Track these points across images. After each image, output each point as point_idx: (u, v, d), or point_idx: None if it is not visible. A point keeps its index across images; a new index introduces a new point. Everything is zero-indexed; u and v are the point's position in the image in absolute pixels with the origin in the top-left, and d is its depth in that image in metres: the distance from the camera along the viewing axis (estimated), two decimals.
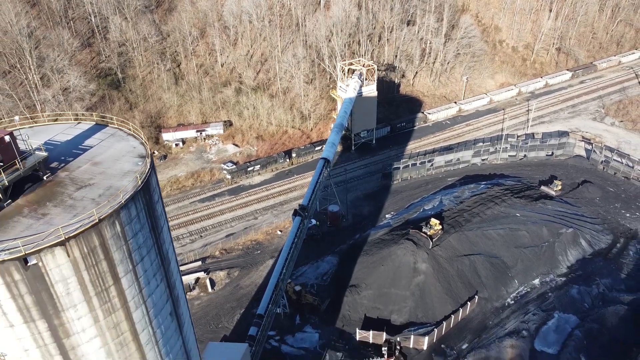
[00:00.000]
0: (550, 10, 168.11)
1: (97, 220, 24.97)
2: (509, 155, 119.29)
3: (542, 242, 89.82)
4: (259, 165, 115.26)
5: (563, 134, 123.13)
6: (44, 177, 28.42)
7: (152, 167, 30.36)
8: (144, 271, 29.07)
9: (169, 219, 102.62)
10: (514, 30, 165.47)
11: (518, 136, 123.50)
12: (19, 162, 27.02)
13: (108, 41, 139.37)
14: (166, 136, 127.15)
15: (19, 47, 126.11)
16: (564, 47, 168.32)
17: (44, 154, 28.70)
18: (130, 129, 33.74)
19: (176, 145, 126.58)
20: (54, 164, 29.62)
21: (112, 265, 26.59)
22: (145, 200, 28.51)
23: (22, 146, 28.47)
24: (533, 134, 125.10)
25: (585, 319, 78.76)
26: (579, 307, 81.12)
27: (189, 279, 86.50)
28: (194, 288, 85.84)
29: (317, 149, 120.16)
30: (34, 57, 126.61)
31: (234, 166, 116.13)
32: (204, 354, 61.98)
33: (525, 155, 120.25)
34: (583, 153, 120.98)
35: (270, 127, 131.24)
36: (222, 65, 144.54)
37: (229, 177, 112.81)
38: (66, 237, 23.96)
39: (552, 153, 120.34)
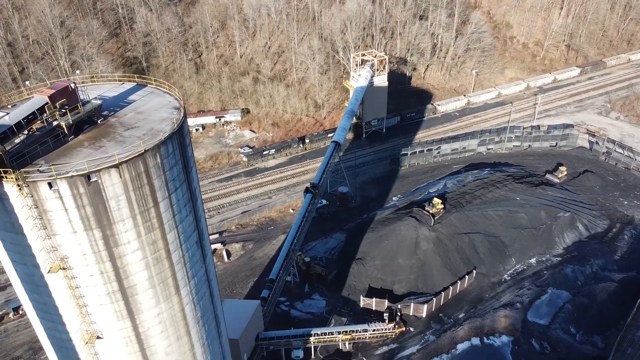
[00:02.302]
0: (561, 8, 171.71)
1: (143, 151, 31.34)
2: (513, 145, 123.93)
3: (540, 224, 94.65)
4: (274, 150, 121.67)
5: (568, 126, 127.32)
6: (98, 121, 34.97)
7: (185, 116, 36.72)
8: (177, 200, 35.37)
9: None
10: (524, 27, 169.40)
11: (524, 128, 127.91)
12: (80, 106, 33.63)
13: (134, 31, 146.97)
14: (187, 121, 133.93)
15: (51, 35, 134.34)
16: (574, 44, 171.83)
17: (99, 102, 35.29)
18: (166, 88, 40.16)
19: (196, 130, 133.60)
20: (105, 112, 36.19)
21: (153, 190, 32.91)
22: (179, 141, 34.86)
23: (81, 96, 35.09)
24: (539, 125, 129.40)
25: (577, 294, 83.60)
26: (572, 284, 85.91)
27: None
28: None
29: (329, 135, 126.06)
30: (65, 45, 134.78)
31: (251, 150, 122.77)
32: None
33: (529, 146, 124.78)
34: (586, 144, 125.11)
35: (286, 115, 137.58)
36: (241, 56, 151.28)
37: (245, 160, 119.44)
38: (119, 161, 30.37)
39: (556, 144, 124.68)
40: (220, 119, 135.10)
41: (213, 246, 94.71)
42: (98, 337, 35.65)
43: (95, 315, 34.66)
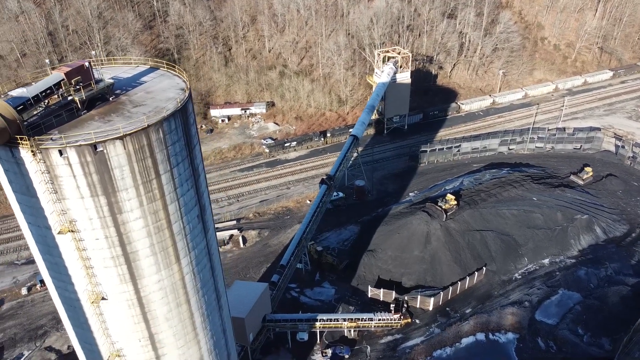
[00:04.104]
0: (596, 10, 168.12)
1: (147, 125, 34.03)
2: (536, 146, 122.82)
3: (556, 225, 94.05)
4: (295, 142, 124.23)
5: (594, 129, 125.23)
6: (110, 98, 37.91)
7: (190, 96, 39.26)
8: (179, 174, 37.95)
9: (211, 184, 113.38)
10: (556, 28, 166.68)
11: (548, 129, 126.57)
12: (93, 84, 36.61)
13: (167, 24, 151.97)
14: (214, 112, 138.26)
15: (89, 26, 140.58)
16: (608, 46, 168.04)
17: (111, 81, 38.25)
18: (176, 72, 42.87)
19: (222, 121, 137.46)
20: (117, 91, 39.11)
21: (155, 162, 35.56)
22: (183, 119, 37.40)
23: (96, 75, 38.08)
24: (564, 128, 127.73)
25: (588, 296, 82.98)
26: (584, 286, 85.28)
27: (224, 234, 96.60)
28: (227, 242, 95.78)
29: (350, 130, 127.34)
30: (102, 35, 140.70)
31: (273, 142, 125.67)
32: (231, 288, 71.43)
33: (552, 147, 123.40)
34: (612, 148, 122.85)
35: (310, 109, 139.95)
36: (269, 51, 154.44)
37: (267, 151, 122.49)
38: (124, 134, 33.11)
39: (581, 146, 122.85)
40: (245, 111, 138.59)
41: (230, 232, 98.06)
42: (103, 298, 38.61)
43: (100, 277, 37.60)
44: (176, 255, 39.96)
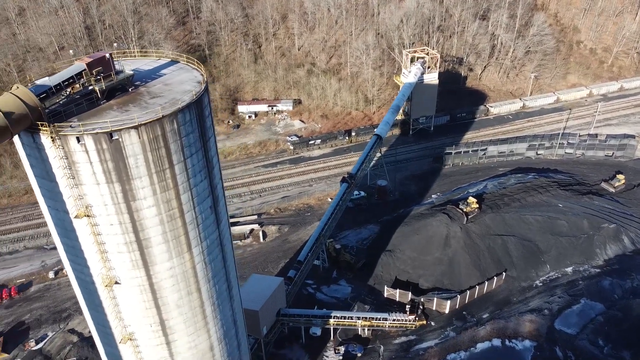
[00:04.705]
0: (636, 14, 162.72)
1: (161, 116, 35.06)
2: (565, 152, 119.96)
3: (581, 234, 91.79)
4: (319, 140, 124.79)
5: (628, 136, 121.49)
6: (129, 89, 39.16)
7: (206, 89, 40.16)
8: (192, 165, 38.92)
9: (235, 179, 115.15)
10: (593, 31, 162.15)
11: (580, 135, 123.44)
12: (114, 75, 37.91)
13: (200, 20, 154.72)
14: (241, 108, 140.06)
15: (124, 21, 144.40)
16: None
17: (131, 72, 39.50)
18: (194, 65, 43.89)
19: (249, 117, 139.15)
20: (137, 82, 40.34)
21: (169, 152, 36.59)
22: (197, 111, 38.32)
23: (117, 67, 39.41)
24: (596, 134, 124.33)
25: (611, 307, 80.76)
26: (607, 297, 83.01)
27: (244, 228, 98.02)
28: (248, 237, 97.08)
29: (375, 130, 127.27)
30: (136, 30, 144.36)
31: (297, 139, 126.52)
32: (247, 281, 72.56)
33: (583, 154, 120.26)
34: None
35: (336, 108, 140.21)
36: (298, 49, 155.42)
37: (291, 148, 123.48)
38: (139, 123, 34.21)
39: (612, 154, 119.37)
40: (272, 108, 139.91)
41: (251, 226, 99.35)
42: (116, 283, 39.94)
43: (114, 262, 38.91)
44: (188, 244, 40.95)
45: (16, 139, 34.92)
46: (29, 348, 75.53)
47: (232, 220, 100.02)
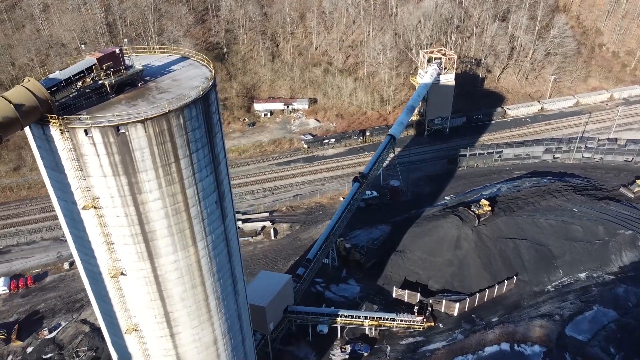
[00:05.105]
0: None
1: (167, 111, 35.67)
2: (583, 156, 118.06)
3: (596, 239, 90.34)
4: (334, 140, 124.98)
5: None
6: (138, 84, 39.87)
7: (214, 85, 40.67)
8: (198, 160, 39.49)
9: (249, 176, 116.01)
10: (617, 34, 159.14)
11: (599, 139, 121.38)
12: (123, 70, 38.65)
13: (218, 18, 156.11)
14: (257, 106, 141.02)
15: (144, 18, 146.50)
16: None
17: (140, 68, 40.24)
18: (203, 61, 44.48)
19: (265, 115, 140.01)
20: (147, 77, 41.06)
21: (174, 147, 37.19)
22: (204, 107, 38.85)
23: (128, 62, 40.18)
24: (616, 139, 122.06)
25: (624, 315, 79.35)
26: (621, 304, 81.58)
27: (256, 225, 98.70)
28: (259, 233, 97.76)
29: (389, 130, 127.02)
30: (156, 27, 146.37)
31: (312, 138, 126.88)
32: (256, 277, 73.18)
33: (601, 158, 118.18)
34: None
35: (351, 107, 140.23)
36: (316, 48, 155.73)
37: (305, 146, 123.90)
38: (145, 118, 34.85)
39: (632, 159, 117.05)
40: (288, 106, 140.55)
41: (263, 223, 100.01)
42: (122, 274, 40.70)
43: (120, 253, 39.66)
44: (193, 238, 41.49)
45: (29, 131, 35.95)
46: (42, 336, 77.34)
47: (244, 217, 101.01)
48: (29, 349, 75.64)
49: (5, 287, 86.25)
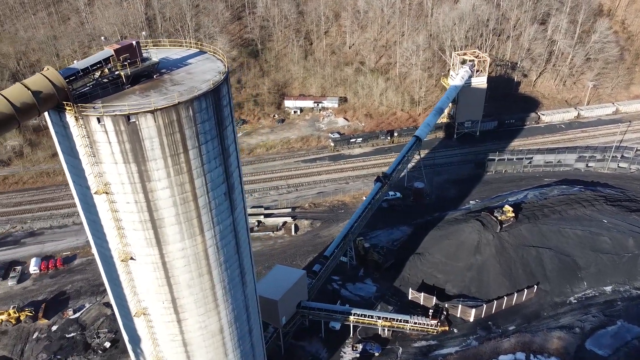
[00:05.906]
0: None
1: (177, 102, 36.85)
2: (618, 166, 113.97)
3: (625, 252, 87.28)
4: (361, 139, 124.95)
5: None
6: (154, 76, 41.28)
7: (226, 79, 41.66)
8: (207, 152, 40.58)
9: (274, 172, 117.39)
10: None
11: (637, 149, 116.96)
12: (139, 62, 40.11)
13: (254, 16, 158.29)
14: (288, 103, 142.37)
15: (182, 14, 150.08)
16: None
17: (156, 60, 41.64)
18: (219, 56, 45.58)
19: (294, 112, 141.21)
20: (163, 70, 42.44)
21: (183, 138, 38.38)
22: (214, 100, 39.88)
23: (144, 54, 41.63)
24: None
25: None
26: None
27: (277, 220, 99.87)
28: (280, 229, 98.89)
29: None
30: (193, 23, 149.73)
31: (339, 136, 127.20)
32: (270, 271, 74.23)
33: (638, 169, 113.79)
34: None
35: (381, 107, 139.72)
36: (349, 47, 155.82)
37: (332, 145, 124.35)
38: (155, 108, 36.13)
39: None
40: (318, 104, 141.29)
41: (284, 219, 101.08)
42: (132, 258, 42.25)
43: (130, 238, 41.18)
44: (200, 227, 42.62)
45: (48, 118, 37.87)
46: (67, 316, 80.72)
47: (266, 211, 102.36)
48: (54, 327, 79.14)
49: (36, 268, 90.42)
